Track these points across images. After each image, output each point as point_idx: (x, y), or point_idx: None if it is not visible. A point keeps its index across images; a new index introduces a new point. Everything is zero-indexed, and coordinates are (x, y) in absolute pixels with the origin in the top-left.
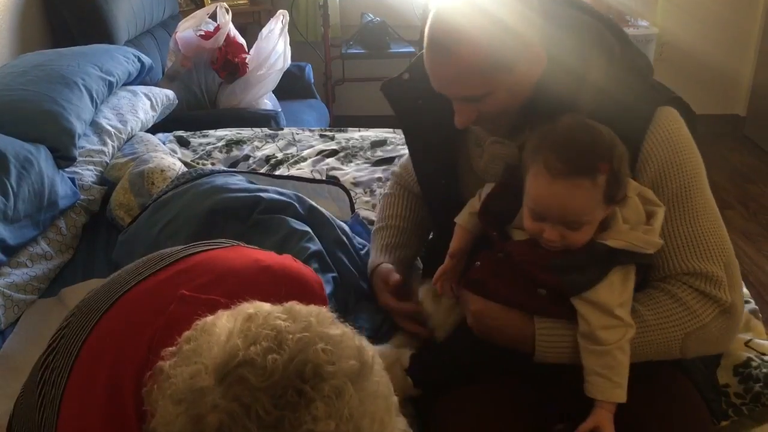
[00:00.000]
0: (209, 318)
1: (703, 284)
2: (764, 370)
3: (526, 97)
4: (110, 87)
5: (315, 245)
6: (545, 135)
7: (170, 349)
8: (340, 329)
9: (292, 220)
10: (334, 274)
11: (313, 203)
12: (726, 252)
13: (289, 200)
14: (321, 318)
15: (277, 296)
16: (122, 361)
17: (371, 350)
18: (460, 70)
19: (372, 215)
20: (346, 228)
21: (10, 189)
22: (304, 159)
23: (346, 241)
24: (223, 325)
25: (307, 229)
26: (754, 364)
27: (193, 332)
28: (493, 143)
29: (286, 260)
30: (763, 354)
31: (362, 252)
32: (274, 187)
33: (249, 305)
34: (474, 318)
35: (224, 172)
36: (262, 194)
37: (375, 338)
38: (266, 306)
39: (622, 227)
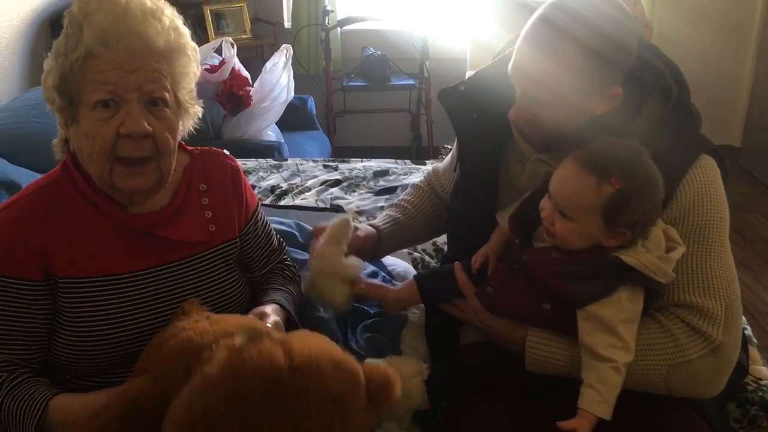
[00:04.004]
0: None
1: (695, 319)
2: (760, 394)
3: (582, 124)
4: None
5: None
6: (605, 138)
7: None
8: None
9: (293, 249)
10: None
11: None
12: (730, 295)
13: (289, 229)
14: None
15: None
16: None
17: None
18: (554, 68)
19: None
20: None
21: None
22: (309, 189)
23: None
24: None
25: (308, 257)
26: (750, 388)
27: None
28: (535, 161)
29: None
30: (760, 379)
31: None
32: (275, 217)
33: None
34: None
35: None
36: None
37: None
38: None
39: (639, 249)
